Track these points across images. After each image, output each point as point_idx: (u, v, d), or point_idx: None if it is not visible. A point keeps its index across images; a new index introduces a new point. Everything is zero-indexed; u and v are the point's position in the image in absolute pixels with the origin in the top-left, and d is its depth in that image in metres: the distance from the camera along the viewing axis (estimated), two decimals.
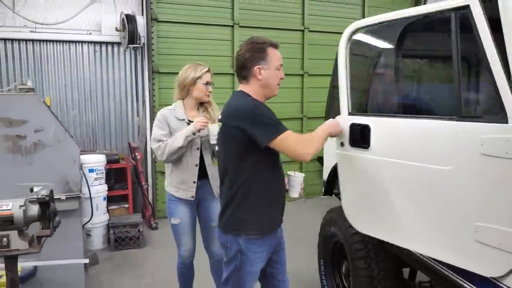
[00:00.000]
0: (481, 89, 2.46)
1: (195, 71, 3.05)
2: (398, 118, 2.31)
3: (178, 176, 3.06)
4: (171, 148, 2.90)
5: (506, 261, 1.74)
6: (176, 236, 3.18)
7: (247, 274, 2.27)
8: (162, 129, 3.01)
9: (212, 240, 3.19)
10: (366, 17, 7.23)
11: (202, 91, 3.04)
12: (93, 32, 5.71)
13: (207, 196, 3.13)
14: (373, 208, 2.48)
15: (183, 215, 3.10)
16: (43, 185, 2.43)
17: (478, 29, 1.82)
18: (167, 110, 3.10)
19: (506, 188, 1.75)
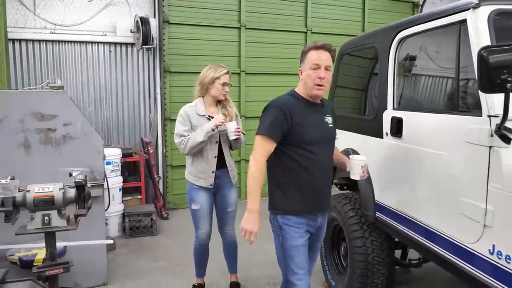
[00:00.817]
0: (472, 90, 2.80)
1: (214, 71, 3.32)
2: (419, 113, 2.68)
3: (198, 167, 3.35)
4: (193, 142, 3.19)
5: (477, 230, 2.08)
6: (195, 220, 3.48)
7: (293, 248, 2.48)
8: (184, 125, 3.30)
9: (226, 224, 3.54)
10: (366, 19, 7.60)
11: (219, 91, 3.32)
12: (108, 34, 6.06)
13: (225, 184, 3.43)
14: (399, 186, 2.84)
15: (203, 202, 3.39)
16: (81, 170, 2.78)
17: (470, 43, 2.17)
18: (189, 107, 3.37)
19: (476, 169, 2.10)
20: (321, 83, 2.39)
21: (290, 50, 7.04)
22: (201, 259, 3.66)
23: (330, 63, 2.42)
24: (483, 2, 2.18)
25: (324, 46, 2.42)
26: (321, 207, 2.57)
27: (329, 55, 2.42)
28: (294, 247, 2.49)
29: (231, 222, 3.58)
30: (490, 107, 2.04)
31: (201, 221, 3.45)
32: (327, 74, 2.41)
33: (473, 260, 2.13)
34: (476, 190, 2.11)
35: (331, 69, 2.45)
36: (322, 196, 2.54)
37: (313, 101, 2.50)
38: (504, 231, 1.96)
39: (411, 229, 2.67)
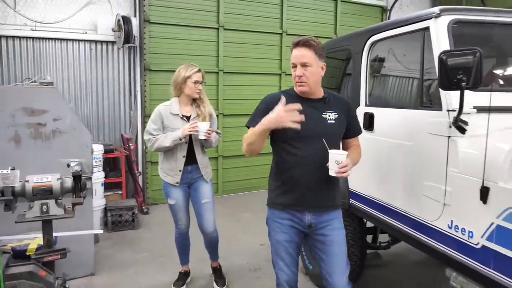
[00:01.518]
0: (434, 88, 3.14)
1: (185, 71, 3.40)
2: (389, 108, 3.01)
3: (167, 164, 3.48)
4: (159, 145, 3.35)
5: (438, 209, 2.40)
6: (173, 214, 3.64)
7: (275, 242, 2.53)
8: (155, 123, 3.41)
9: (204, 217, 3.59)
10: (338, 22, 7.95)
11: (191, 89, 3.40)
12: (89, 32, 6.16)
13: (197, 179, 3.55)
14: (372, 175, 3.13)
15: (178, 197, 3.54)
16: (78, 161, 2.95)
17: (432, 47, 2.48)
18: (163, 106, 3.46)
19: (437, 156, 2.42)
20: (300, 81, 2.37)
21: (266, 50, 7.35)
22: (183, 248, 3.84)
23: (306, 59, 2.33)
24: (443, 12, 2.50)
25: (299, 42, 2.37)
26: (308, 205, 2.45)
27: (306, 50, 2.33)
28: (276, 241, 2.54)
29: (208, 216, 3.59)
30: (448, 103, 2.37)
31: (178, 215, 3.61)
32: (305, 71, 2.34)
33: (435, 235, 2.45)
34: (437, 174, 2.43)
35: (311, 63, 2.34)
36: (309, 194, 2.42)
37: (307, 97, 2.44)
38: (460, 208, 2.28)
39: (382, 212, 2.99)
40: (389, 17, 8.58)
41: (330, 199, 2.49)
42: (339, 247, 2.48)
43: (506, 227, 2.00)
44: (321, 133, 2.38)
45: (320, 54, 2.38)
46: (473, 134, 2.25)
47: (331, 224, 2.48)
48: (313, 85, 2.40)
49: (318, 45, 2.39)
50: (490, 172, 2.07)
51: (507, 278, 2.00)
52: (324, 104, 2.46)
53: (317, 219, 2.47)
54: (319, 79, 2.43)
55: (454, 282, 2.42)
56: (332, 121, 2.44)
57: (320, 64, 2.39)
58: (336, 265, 2.47)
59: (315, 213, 2.46)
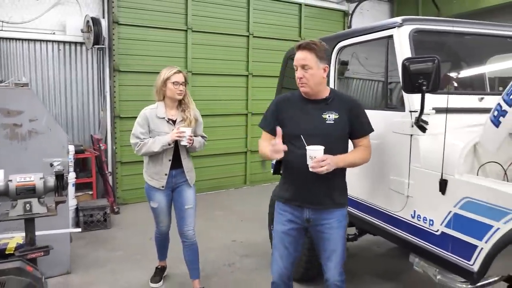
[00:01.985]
0: (398, 91, 3.43)
1: (164, 73, 3.38)
2: None
3: (153, 168, 3.46)
4: (148, 150, 3.33)
5: (402, 201, 2.67)
6: (155, 216, 3.67)
7: (275, 232, 2.70)
8: (142, 127, 3.38)
9: (185, 223, 3.54)
10: (303, 25, 8.23)
11: (172, 91, 3.36)
12: (57, 32, 6.13)
13: (182, 183, 3.53)
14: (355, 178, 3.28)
15: (161, 200, 3.54)
16: (61, 161, 3.03)
17: (396, 56, 2.73)
18: (149, 110, 3.43)
19: (401, 153, 2.68)
20: (301, 82, 2.51)
21: (234, 52, 7.53)
22: (162, 245, 3.93)
23: (305, 61, 2.46)
24: (405, 22, 2.77)
25: (299, 46, 2.51)
26: (305, 202, 2.56)
27: (307, 53, 2.46)
28: (275, 231, 2.70)
29: (190, 221, 3.58)
30: (411, 104, 2.63)
31: (160, 217, 3.65)
32: (305, 73, 2.47)
33: (400, 224, 2.71)
34: (401, 169, 2.69)
35: (311, 66, 2.46)
36: (306, 191, 2.54)
37: (309, 98, 2.56)
38: (422, 199, 2.55)
39: (352, 207, 3.22)
40: (350, 21, 8.96)
41: (328, 198, 2.54)
42: (335, 245, 2.57)
43: (462, 214, 2.27)
44: (318, 133, 2.48)
45: (321, 56, 2.48)
46: (433, 133, 2.52)
47: (329, 223, 2.55)
48: (314, 86, 2.50)
49: (320, 48, 2.48)
50: (448, 166, 2.34)
51: (463, 259, 2.27)
52: (326, 104, 2.54)
53: (315, 215, 2.57)
54: (320, 81, 2.51)
55: (417, 267, 2.69)
56: (331, 121, 2.50)
57: (321, 66, 2.49)
58: (332, 260, 2.58)
59: (313, 210, 2.56)
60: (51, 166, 3.01)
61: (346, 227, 2.67)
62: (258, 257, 4.60)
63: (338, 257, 2.57)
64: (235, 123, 7.73)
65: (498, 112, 2.12)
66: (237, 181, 7.91)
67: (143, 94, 6.56)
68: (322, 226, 2.59)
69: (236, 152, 7.79)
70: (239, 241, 5.11)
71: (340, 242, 2.59)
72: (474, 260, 2.20)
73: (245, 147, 7.91)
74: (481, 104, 2.81)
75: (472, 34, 3.01)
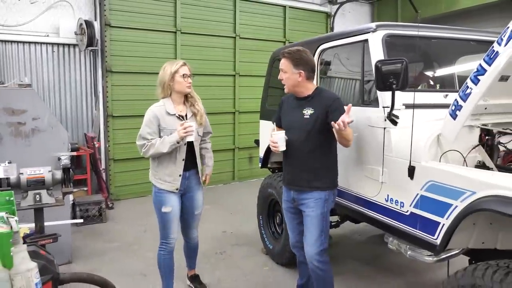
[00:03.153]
0: (372, 90, 3.77)
1: (171, 66, 3.19)
2: None
3: (164, 169, 3.17)
4: (156, 151, 3.07)
5: (377, 186, 3.01)
6: (165, 225, 3.26)
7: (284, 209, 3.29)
8: (149, 127, 3.12)
9: (192, 226, 3.50)
10: (287, 27, 8.55)
11: (181, 84, 3.16)
12: (51, 35, 6.36)
13: (193, 185, 3.34)
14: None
15: (174, 203, 3.23)
16: (68, 155, 3.29)
17: (371, 57, 3.06)
18: (157, 107, 3.17)
19: (376, 144, 3.02)
20: (283, 83, 3.05)
21: (221, 53, 7.84)
22: (169, 269, 3.43)
23: (282, 66, 2.98)
24: (378, 28, 3.11)
25: (281, 53, 3.04)
26: (293, 184, 3.05)
27: (284, 59, 2.97)
28: (284, 209, 3.29)
29: (196, 224, 3.52)
30: (383, 101, 2.97)
31: (172, 225, 3.27)
32: (282, 75, 3.00)
33: (376, 208, 3.05)
34: (376, 158, 3.03)
35: (286, 70, 2.96)
36: (294, 175, 3.03)
37: (298, 96, 3.03)
38: (394, 184, 2.89)
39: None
40: (333, 22, 9.32)
41: (305, 181, 2.97)
42: (310, 222, 2.97)
43: (427, 196, 2.61)
44: (296, 126, 2.96)
45: (295, 63, 2.92)
46: (403, 126, 2.85)
47: (307, 203, 2.99)
48: (290, 87, 3.00)
49: (294, 56, 2.93)
50: (415, 155, 2.68)
51: (428, 235, 2.61)
52: (307, 102, 2.97)
53: (297, 195, 3.05)
54: (295, 83, 2.96)
55: (391, 245, 3.04)
56: (307, 116, 2.92)
57: (295, 71, 2.93)
58: (307, 235, 3.01)
59: (296, 191, 3.04)
60: (59, 160, 3.27)
61: (325, 210, 2.98)
62: (248, 245, 4.91)
63: (313, 236, 2.95)
64: (223, 121, 8.02)
65: (455, 107, 2.47)
66: (226, 177, 8.21)
67: (135, 94, 6.87)
68: (302, 205, 3.04)
69: (224, 149, 8.08)
70: (229, 232, 5.42)
71: (315, 221, 2.95)
72: (437, 235, 2.53)
73: (233, 144, 8.21)
74: (446, 100, 3.15)
75: (438, 38, 3.37)
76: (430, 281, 4.04)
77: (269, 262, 4.44)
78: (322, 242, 2.97)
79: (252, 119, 8.09)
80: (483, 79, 2.31)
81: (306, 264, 3.26)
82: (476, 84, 2.34)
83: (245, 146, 8.29)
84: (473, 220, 2.44)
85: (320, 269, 2.96)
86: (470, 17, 8.03)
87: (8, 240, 1.70)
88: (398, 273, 4.19)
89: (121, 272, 4.21)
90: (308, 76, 2.97)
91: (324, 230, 2.98)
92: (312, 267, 2.99)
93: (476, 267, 2.15)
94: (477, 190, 2.27)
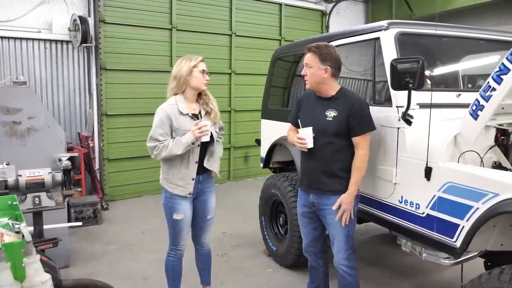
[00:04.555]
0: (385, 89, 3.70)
1: (189, 61, 2.96)
2: None
3: (176, 173, 2.97)
4: (169, 153, 2.86)
5: (390, 188, 2.94)
6: (176, 232, 3.09)
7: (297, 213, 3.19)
8: (161, 128, 2.90)
9: (204, 232, 3.26)
10: (283, 25, 8.47)
11: (199, 80, 2.96)
12: (44, 31, 6.18)
13: (207, 189, 3.14)
14: None
15: (186, 210, 3.04)
16: (69, 156, 3.17)
17: (383, 56, 2.99)
18: (168, 106, 2.95)
19: (389, 144, 2.95)
20: (304, 79, 2.89)
21: (217, 50, 7.72)
22: (177, 275, 3.26)
23: (308, 61, 2.82)
24: (391, 26, 3.04)
25: (307, 48, 2.86)
26: (312, 187, 2.92)
27: (310, 54, 2.81)
28: (297, 214, 3.19)
29: (208, 229, 3.30)
30: (397, 100, 2.90)
31: (183, 232, 3.10)
32: (307, 70, 2.83)
33: (389, 209, 2.99)
34: (389, 159, 2.96)
35: (312, 65, 2.80)
36: (313, 178, 2.90)
37: (320, 96, 2.89)
38: (408, 185, 2.82)
39: None
40: (328, 20, 9.26)
41: (325, 185, 2.84)
42: (334, 230, 2.87)
43: (445, 197, 2.55)
44: (318, 128, 2.81)
45: (323, 58, 2.78)
46: (417, 126, 2.79)
47: (330, 209, 2.84)
48: (314, 84, 2.84)
49: (322, 51, 2.79)
50: (432, 155, 2.62)
51: (447, 237, 2.55)
52: (330, 102, 2.84)
53: (318, 200, 2.91)
54: (320, 80, 2.81)
55: (405, 247, 2.98)
56: (330, 118, 2.80)
57: (322, 67, 2.78)
58: (334, 243, 2.91)
59: (317, 194, 2.91)
60: (59, 161, 3.15)
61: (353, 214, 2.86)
62: (249, 246, 4.82)
63: (340, 242, 2.86)
64: None
65: (476, 107, 2.41)
66: (221, 177, 8.07)
67: (130, 92, 6.74)
68: (324, 211, 2.91)
69: None
70: (229, 232, 5.32)
71: (340, 228, 2.84)
72: (456, 237, 2.48)
73: (229, 143, 8.10)
74: (458, 100, 3.10)
75: (450, 36, 3.31)
76: (437, 282, 3.99)
77: (272, 263, 4.35)
78: (350, 247, 2.89)
79: (248, 118, 8.03)
80: (506, 78, 2.25)
81: (318, 269, 3.22)
82: (499, 83, 2.28)
83: (240, 145, 8.20)
84: (493, 222, 2.39)
85: (349, 274, 2.88)
86: (464, 16, 8.03)
87: (20, 251, 1.59)
88: (402, 274, 4.14)
89: (122, 275, 4.09)
90: (334, 74, 2.84)
91: (351, 234, 2.89)
92: (341, 273, 2.89)
93: (502, 271, 2.09)
94: (500, 192, 2.22)
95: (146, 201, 6.73)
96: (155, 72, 6.98)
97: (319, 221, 3.03)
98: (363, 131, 2.78)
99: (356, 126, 2.76)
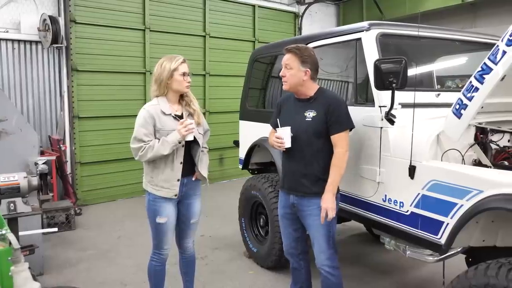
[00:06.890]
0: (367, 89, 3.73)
1: (170, 62, 2.89)
2: None
3: (160, 175, 2.90)
4: (155, 153, 2.80)
5: (374, 187, 2.97)
6: (159, 236, 3.02)
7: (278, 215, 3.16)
8: (145, 128, 2.84)
9: (188, 236, 3.19)
10: (257, 26, 8.49)
11: (180, 83, 2.90)
12: (11, 31, 5.95)
13: (192, 192, 3.07)
14: None
15: (170, 213, 2.97)
16: (46, 159, 3.05)
17: (365, 56, 3.01)
18: (151, 106, 2.90)
19: (372, 144, 2.98)
20: (283, 80, 2.85)
21: (191, 52, 7.65)
22: (160, 279, 3.20)
23: (288, 62, 2.79)
24: (372, 26, 3.08)
25: (286, 49, 2.84)
26: (292, 189, 2.91)
27: (290, 55, 2.79)
28: (278, 215, 3.17)
29: (192, 233, 3.23)
30: (380, 100, 2.93)
31: (167, 236, 3.03)
32: (286, 72, 2.81)
33: (372, 208, 3.01)
34: (372, 158, 2.99)
35: (292, 66, 2.78)
36: (294, 179, 2.89)
37: (299, 97, 2.90)
38: (392, 184, 2.86)
39: None
40: (301, 22, 9.33)
41: (306, 187, 2.83)
42: (316, 231, 2.86)
43: (429, 195, 2.59)
44: (298, 128, 2.81)
45: (303, 60, 2.77)
46: (400, 125, 2.82)
47: (310, 211, 2.84)
48: (293, 85, 2.83)
49: (302, 53, 2.78)
50: (416, 154, 2.66)
51: (431, 234, 2.60)
52: (309, 103, 2.84)
53: (298, 201, 2.90)
54: (299, 82, 2.80)
55: (388, 245, 3.01)
56: (309, 118, 2.80)
57: (302, 69, 2.77)
58: (315, 245, 2.89)
59: (297, 196, 2.90)
60: (36, 165, 3.03)
61: None
62: (229, 248, 4.79)
63: (321, 243, 2.85)
64: None
65: (459, 106, 2.46)
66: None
67: (102, 94, 6.59)
68: (304, 212, 2.90)
69: None
70: (207, 235, 5.26)
71: (322, 230, 2.83)
72: (441, 234, 2.52)
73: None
74: (438, 99, 3.17)
75: (429, 37, 3.38)
76: (418, 278, 4.07)
77: (254, 265, 4.33)
78: (331, 246, 2.87)
79: (223, 120, 7.97)
80: (488, 77, 2.31)
81: (300, 270, 3.21)
82: (482, 82, 2.33)
83: (215, 147, 8.11)
84: (477, 219, 2.44)
85: (332, 274, 2.85)
86: (432, 19, 8.24)
87: (6, 259, 1.51)
88: (383, 272, 4.19)
89: (100, 282, 3.98)
90: (313, 76, 2.84)
91: (332, 235, 2.88)
92: (324, 274, 2.87)
93: (488, 266, 2.13)
94: (484, 189, 2.27)
95: (120, 205, 6.59)
96: (128, 73, 6.86)
97: (299, 222, 3.02)
98: (341, 129, 2.78)
99: (333, 124, 2.76)
